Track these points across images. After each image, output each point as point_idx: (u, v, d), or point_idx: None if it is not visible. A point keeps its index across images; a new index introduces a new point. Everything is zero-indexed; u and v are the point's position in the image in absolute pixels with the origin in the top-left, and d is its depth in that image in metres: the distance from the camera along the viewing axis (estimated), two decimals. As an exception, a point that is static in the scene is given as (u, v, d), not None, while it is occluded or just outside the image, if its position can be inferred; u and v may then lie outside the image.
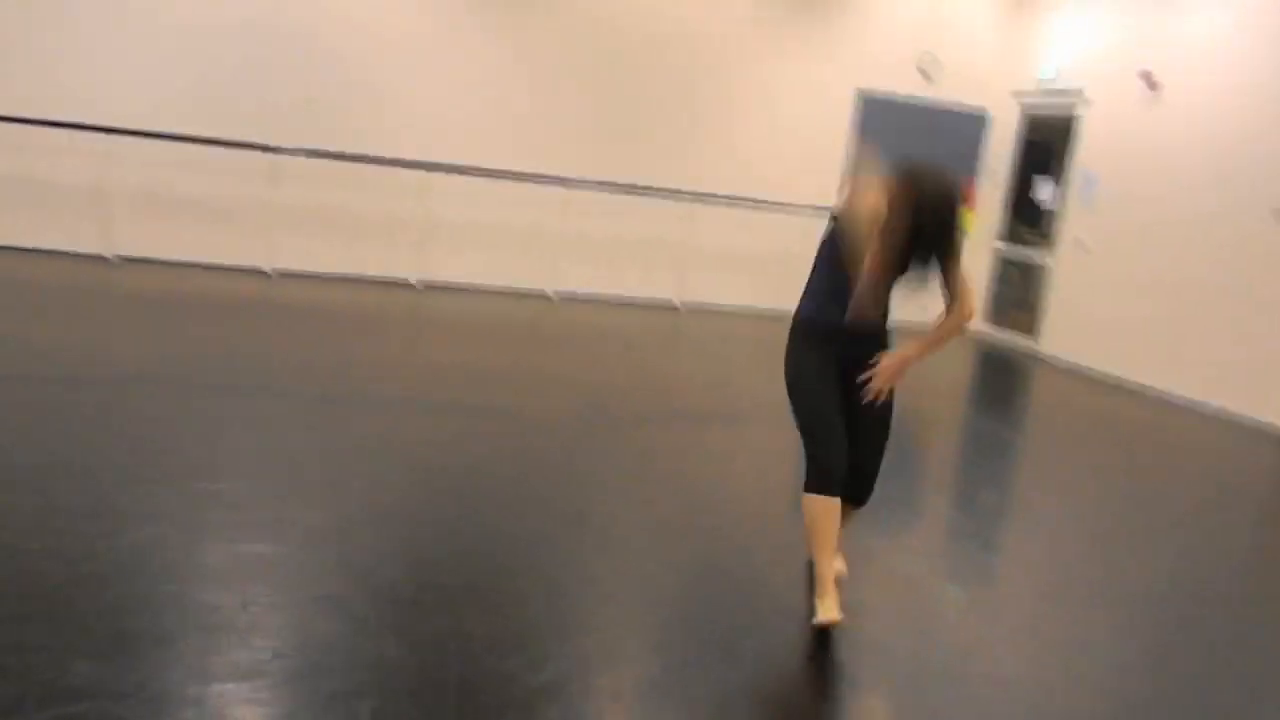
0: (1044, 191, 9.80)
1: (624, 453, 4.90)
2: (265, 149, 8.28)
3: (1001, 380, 9.04)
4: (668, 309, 9.58)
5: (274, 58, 8.46)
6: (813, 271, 3.31)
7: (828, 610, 3.13)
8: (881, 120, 9.95)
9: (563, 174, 9.02)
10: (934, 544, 4.29)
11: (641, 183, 9.23)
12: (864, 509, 3.46)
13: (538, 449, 4.77)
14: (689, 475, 4.61)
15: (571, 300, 9.29)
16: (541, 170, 8.99)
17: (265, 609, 2.89)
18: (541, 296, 9.27)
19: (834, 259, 3.19)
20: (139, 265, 8.30)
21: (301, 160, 8.43)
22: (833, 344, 3.23)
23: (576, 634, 2.97)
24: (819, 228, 3.32)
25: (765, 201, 9.55)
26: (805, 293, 3.33)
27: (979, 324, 10.43)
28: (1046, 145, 9.91)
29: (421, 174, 8.70)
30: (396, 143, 8.72)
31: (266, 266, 8.68)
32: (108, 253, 8.34)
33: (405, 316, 8.00)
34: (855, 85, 9.88)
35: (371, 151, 8.59)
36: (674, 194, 9.29)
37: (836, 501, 3.16)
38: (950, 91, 10.09)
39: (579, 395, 5.96)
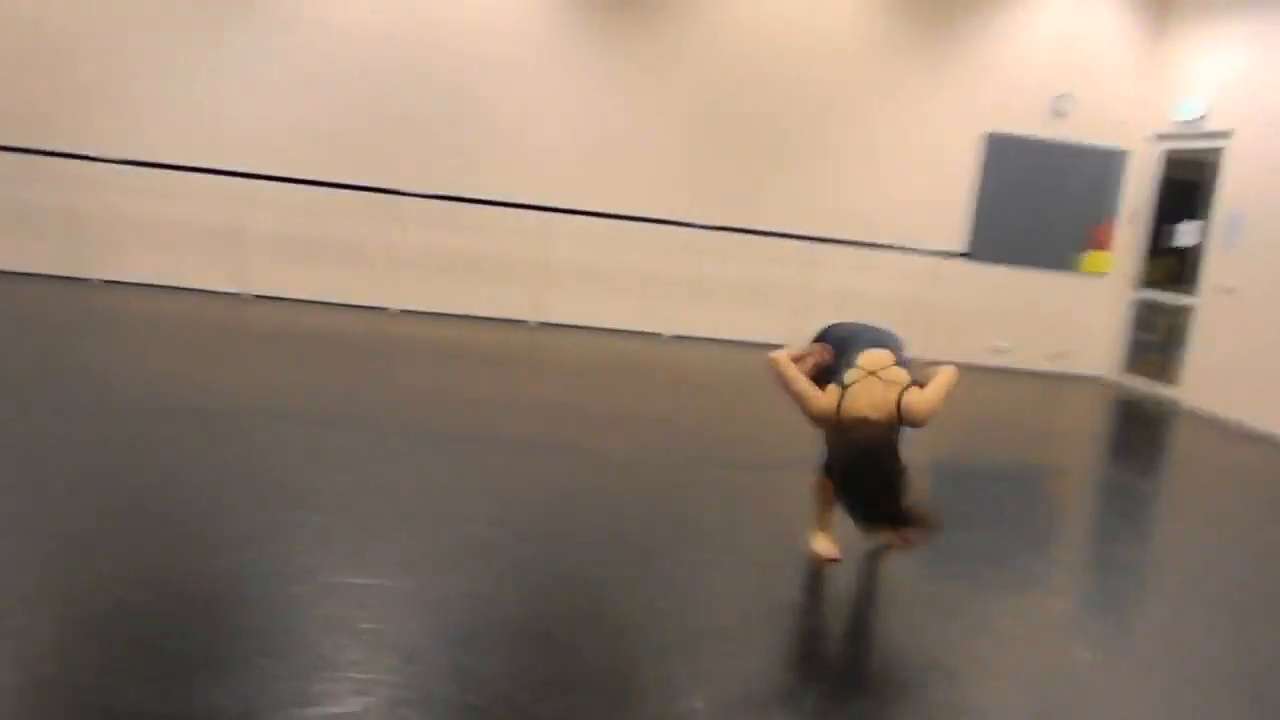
0: (1186, 233, 9.28)
1: (728, 497, 4.79)
2: (389, 192, 8.61)
3: (1138, 430, 8.54)
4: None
5: (399, 106, 8.78)
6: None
7: (827, 547, 3.89)
8: (1010, 161, 9.63)
9: (680, 217, 9.03)
10: (1063, 602, 4.01)
11: (761, 226, 9.15)
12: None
13: (638, 492, 4.71)
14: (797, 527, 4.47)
15: (686, 341, 9.24)
16: (658, 213, 9.03)
17: (361, 639, 2.89)
18: (655, 337, 9.26)
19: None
20: (269, 303, 8.68)
21: (422, 203, 8.70)
22: None
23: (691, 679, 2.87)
24: (943, 271, 3.56)
25: (888, 245, 9.33)
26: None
27: (1114, 372, 9.91)
28: (1188, 185, 9.39)
29: (539, 216, 8.86)
30: (515, 186, 8.90)
31: (388, 305, 8.96)
32: (241, 290, 8.77)
33: (518, 355, 8.11)
34: (983, 127, 9.61)
35: (491, 195, 8.80)
36: (792, 237, 9.18)
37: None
38: (1086, 131, 9.69)
39: (689, 439, 5.88)
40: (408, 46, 8.77)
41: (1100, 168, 9.80)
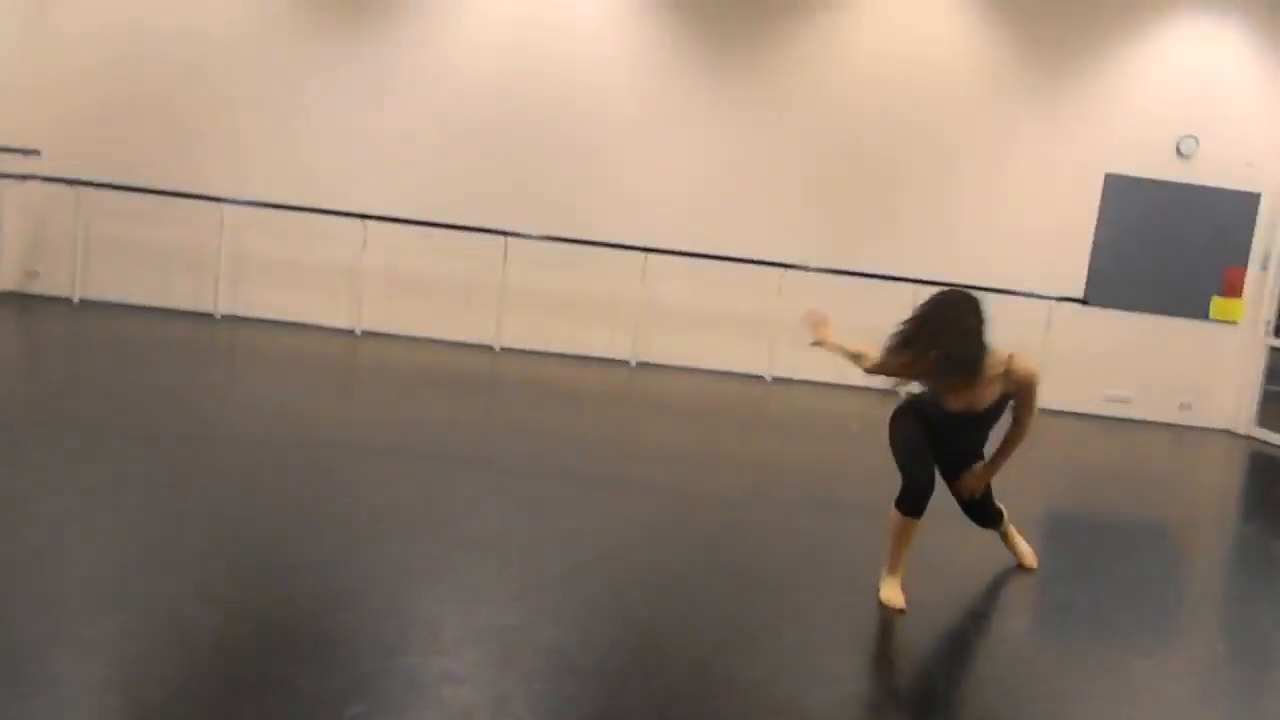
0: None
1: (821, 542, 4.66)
2: (497, 232, 8.77)
3: (1271, 486, 8.03)
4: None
5: (509, 148, 8.96)
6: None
7: (894, 596, 3.75)
8: (1132, 204, 9.26)
9: (787, 258, 8.94)
10: (1196, 666, 3.76)
11: (873, 269, 8.97)
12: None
13: (730, 534, 4.62)
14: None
15: (788, 384, 9.10)
16: (763, 254, 8.96)
17: (454, 675, 2.89)
18: (757, 379, 9.15)
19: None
20: (380, 339, 8.90)
21: (528, 243, 8.83)
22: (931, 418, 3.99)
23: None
24: (1056, 316, 3.75)
25: (999, 289, 9.04)
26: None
27: (1249, 427, 9.35)
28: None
29: (641, 256, 8.89)
30: (618, 227, 8.96)
31: (493, 343, 9.09)
32: (354, 326, 9.01)
33: (619, 394, 8.12)
34: (1104, 168, 9.28)
35: (595, 236, 8.88)
36: (903, 280, 8.96)
37: (915, 523, 3.74)
38: (1214, 173, 9.26)
39: (795, 480, 5.77)
40: (518, 90, 8.96)
41: (1230, 211, 9.34)
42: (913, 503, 3.71)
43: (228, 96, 8.88)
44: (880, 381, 3.84)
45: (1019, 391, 3.83)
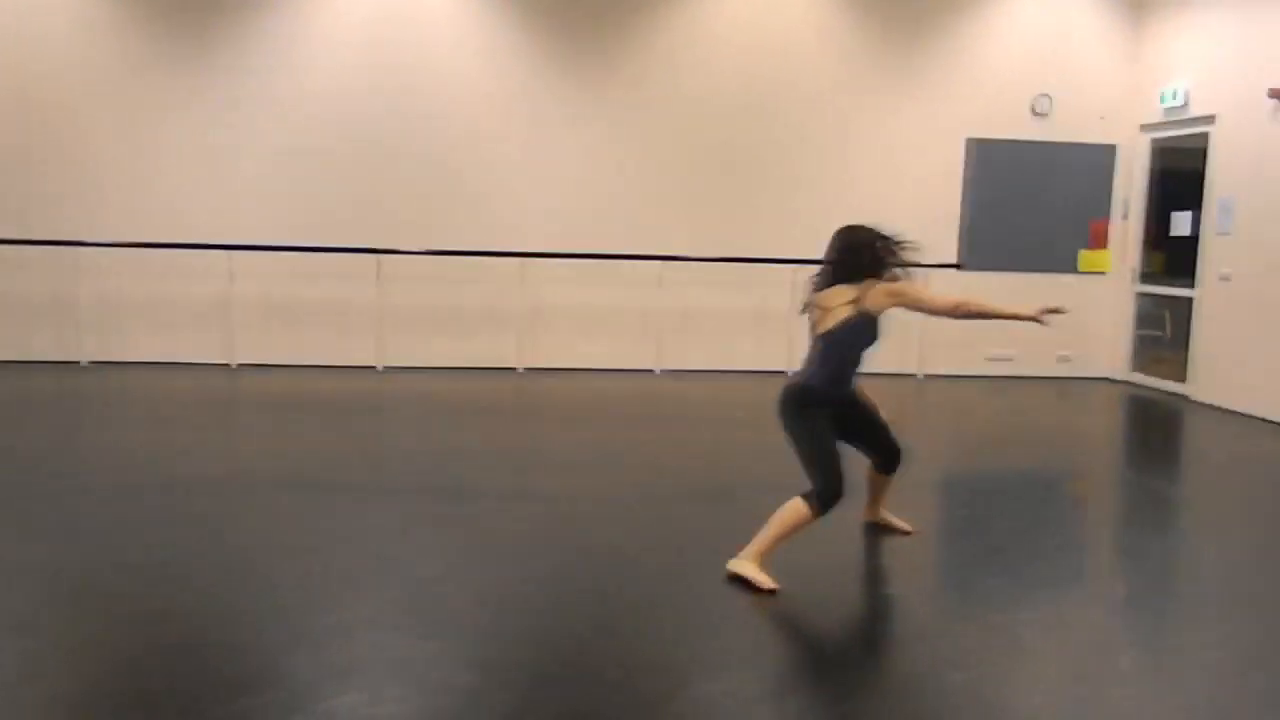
0: (1179, 222, 9.04)
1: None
2: (369, 251, 8.63)
3: (1151, 429, 8.30)
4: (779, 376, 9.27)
5: (372, 169, 8.82)
6: (829, 355, 3.99)
7: (763, 576, 3.76)
8: (996, 166, 9.47)
9: (661, 250, 8.95)
10: (1093, 615, 3.84)
11: (747, 254, 9.04)
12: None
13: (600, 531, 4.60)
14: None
15: (677, 375, 9.11)
16: (640, 249, 8.95)
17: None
18: (647, 374, 9.15)
19: (856, 347, 4.02)
20: (258, 370, 8.69)
21: (405, 260, 8.71)
22: (834, 406, 4.05)
23: None
24: (938, 283, 3.98)
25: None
26: (820, 371, 4.00)
27: (1124, 371, 9.64)
28: (1181, 175, 9.17)
29: (520, 262, 8.82)
30: (494, 236, 8.88)
31: (375, 363, 8.94)
32: (230, 360, 8.78)
33: (507, 403, 8.05)
34: (965, 133, 9.46)
35: (469, 245, 8.78)
36: (777, 262, 9.02)
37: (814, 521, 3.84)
38: (1071, 129, 9.51)
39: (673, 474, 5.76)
40: (376, 105, 8.80)
41: (1090, 164, 9.60)
42: (830, 506, 3.79)
43: (76, 138, 8.57)
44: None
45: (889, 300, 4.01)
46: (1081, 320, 9.68)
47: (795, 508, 3.78)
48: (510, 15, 8.92)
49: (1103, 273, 9.69)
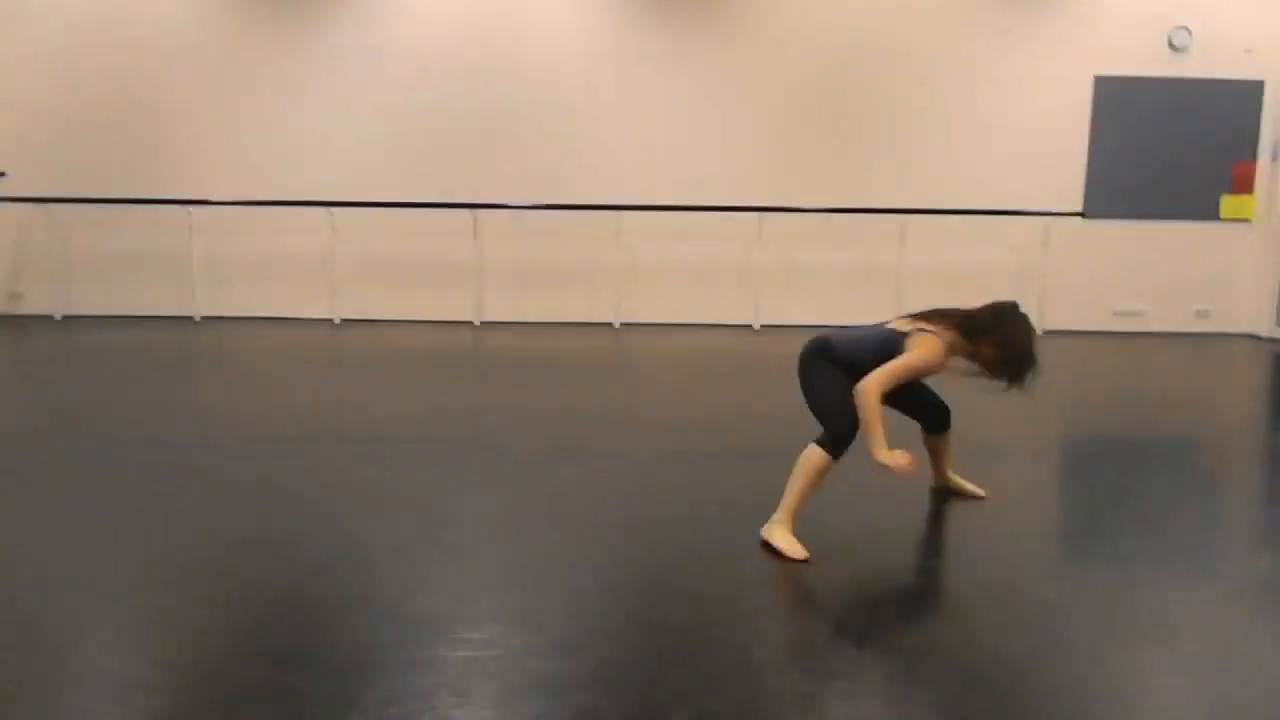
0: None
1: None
2: (466, 206, 8.62)
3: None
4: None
5: (469, 125, 8.80)
6: (876, 347, 3.74)
7: (795, 545, 3.52)
8: (1127, 107, 8.79)
9: (765, 202, 8.66)
10: (1237, 589, 3.47)
11: (858, 204, 8.66)
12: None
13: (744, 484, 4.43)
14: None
15: (776, 330, 8.83)
16: (739, 201, 8.69)
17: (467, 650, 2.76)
18: (744, 329, 8.90)
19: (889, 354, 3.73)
20: (359, 325, 8.82)
21: (499, 214, 8.67)
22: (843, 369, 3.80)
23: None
24: (1060, 233, 3.40)
25: (995, 211, 8.67)
26: (851, 342, 3.83)
27: (1269, 327, 8.88)
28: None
29: (615, 215, 8.67)
30: (589, 189, 8.75)
31: (474, 318, 8.95)
32: (334, 316, 8.95)
33: (602, 359, 7.93)
34: (1092, 70, 8.81)
35: (566, 200, 8.67)
36: (881, 212, 8.63)
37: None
38: (1213, 65, 8.75)
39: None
40: (471, 60, 8.76)
41: (1234, 102, 8.82)
42: (842, 448, 3.61)
43: (184, 100, 8.83)
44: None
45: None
46: (1222, 271, 9.00)
47: (809, 456, 3.62)
48: (606, -38, 8.74)
49: (1247, 220, 8.92)
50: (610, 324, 8.96)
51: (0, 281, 8.99)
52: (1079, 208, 8.82)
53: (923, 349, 3.60)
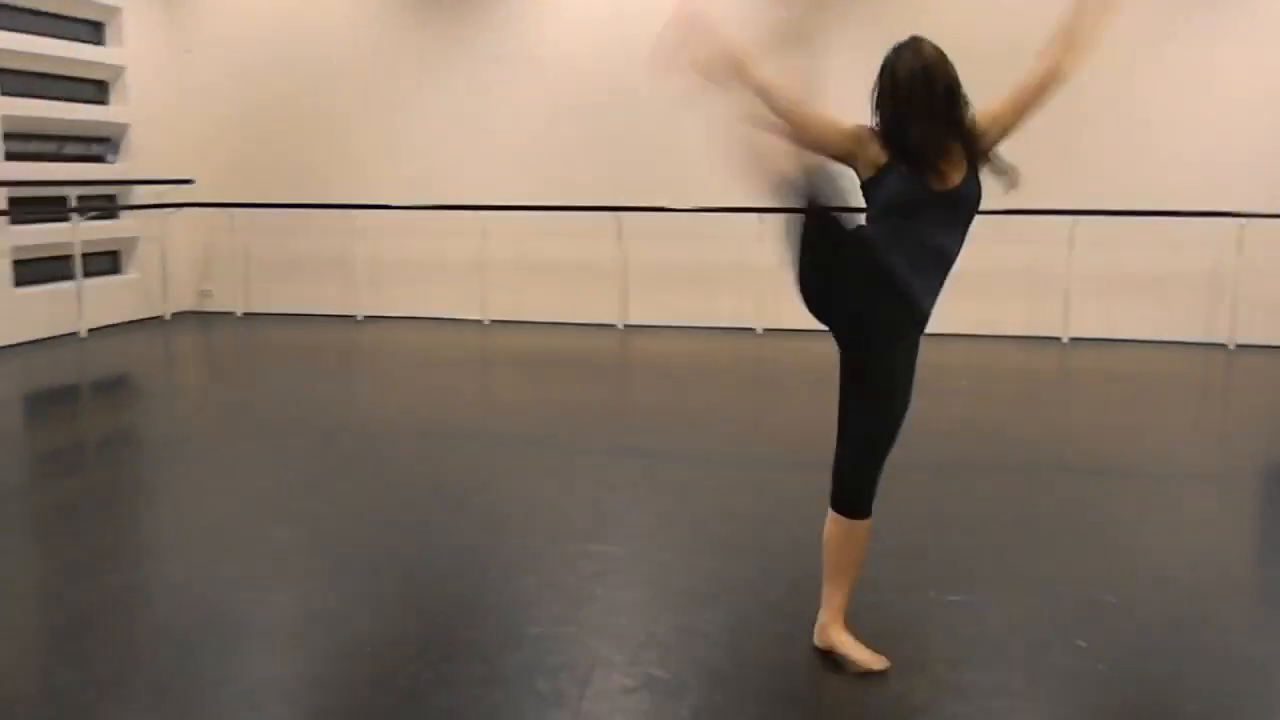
0: None
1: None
2: (611, 208, 8.62)
3: None
4: (1051, 342, 8.23)
5: (612, 124, 8.79)
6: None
7: (864, 653, 2.80)
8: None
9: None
10: None
11: (1019, 204, 8.04)
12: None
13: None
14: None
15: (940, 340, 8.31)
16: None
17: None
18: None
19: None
20: (507, 326, 9.03)
21: (646, 219, 8.62)
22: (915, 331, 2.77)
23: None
24: (1254, 236, 2.71)
25: (1176, 213, 7.84)
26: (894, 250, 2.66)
27: None
28: None
29: (760, 218, 8.41)
30: (734, 192, 8.52)
31: (618, 321, 8.96)
32: (483, 317, 9.17)
33: (747, 364, 7.79)
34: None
35: (715, 204, 8.51)
36: (1059, 213, 7.97)
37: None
38: None
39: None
40: (621, 64, 8.69)
41: None
42: (856, 501, 2.81)
43: (348, 113, 9.36)
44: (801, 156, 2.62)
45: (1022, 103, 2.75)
46: None
47: (826, 532, 2.86)
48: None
49: None
50: (753, 329, 8.71)
51: (191, 280, 9.75)
52: (1276, 208, 7.87)
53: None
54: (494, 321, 9.12)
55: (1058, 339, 8.29)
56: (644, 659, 2.87)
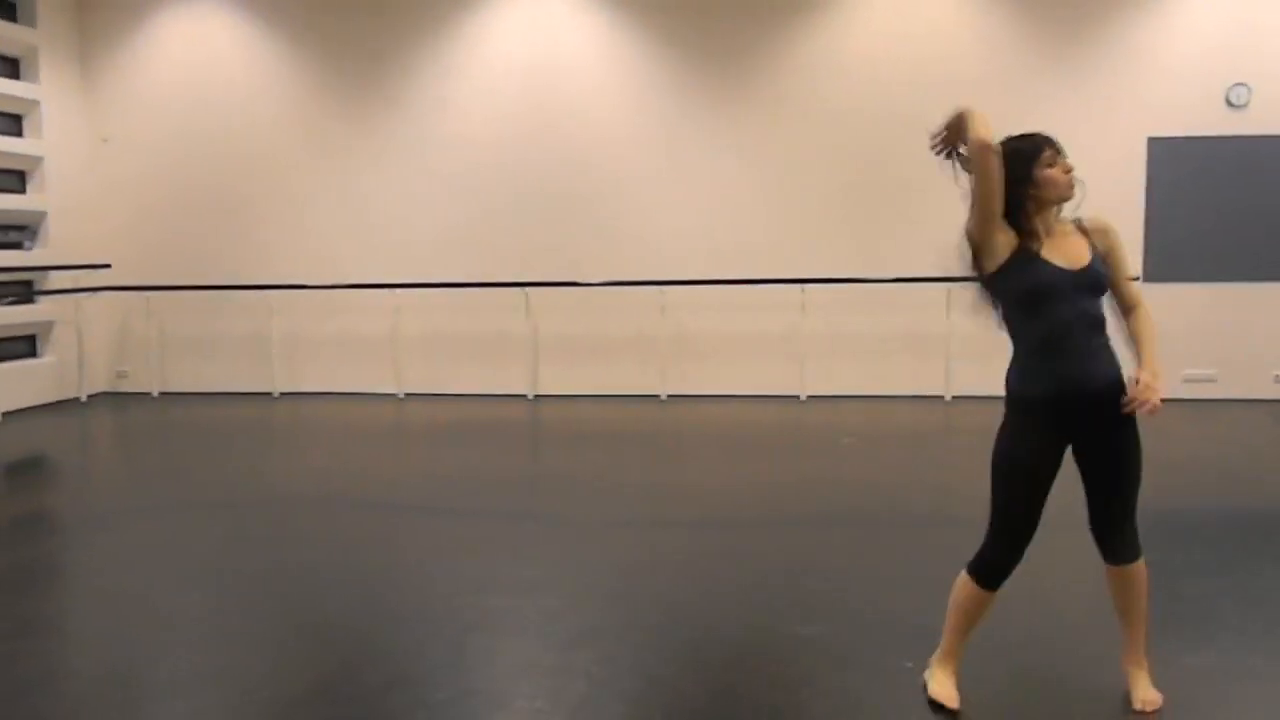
0: None
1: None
2: (519, 284, 9.05)
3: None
4: (936, 401, 8.77)
5: (522, 207, 9.25)
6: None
7: (947, 691, 3.05)
8: (1184, 166, 8.55)
9: (806, 274, 8.75)
10: None
11: (897, 274, 8.65)
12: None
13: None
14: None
15: (823, 401, 8.82)
16: (780, 273, 8.80)
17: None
18: (791, 399, 8.93)
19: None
20: (422, 399, 9.32)
21: (553, 293, 9.06)
22: (1063, 416, 3.10)
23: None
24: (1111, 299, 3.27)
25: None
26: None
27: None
28: None
29: (659, 290, 8.89)
30: (637, 265, 9.02)
31: (528, 391, 9.30)
32: (398, 391, 9.45)
33: (651, 430, 8.14)
34: (1146, 132, 8.61)
35: (614, 276, 8.98)
36: (930, 280, 8.55)
37: (992, 597, 3.04)
38: (1275, 123, 8.45)
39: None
40: (522, 144, 9.23)
41: (1300, 159, 8.47)
42: (991, 575, 3.00)
43: (262, 197, 9.65)
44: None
45: (1107, 242, 3.17)
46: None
47: (957, 585, 3.07)
48: (648, 51, 9.12)
49: (1322, 279, 8.49)
50: (658, 395, 9.14)
51: (107, 362, 9.90)
52: (1137, 272, 8.57)
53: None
54: (409, 395, 9.42)
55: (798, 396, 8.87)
56: (520, 691, 3.20)
